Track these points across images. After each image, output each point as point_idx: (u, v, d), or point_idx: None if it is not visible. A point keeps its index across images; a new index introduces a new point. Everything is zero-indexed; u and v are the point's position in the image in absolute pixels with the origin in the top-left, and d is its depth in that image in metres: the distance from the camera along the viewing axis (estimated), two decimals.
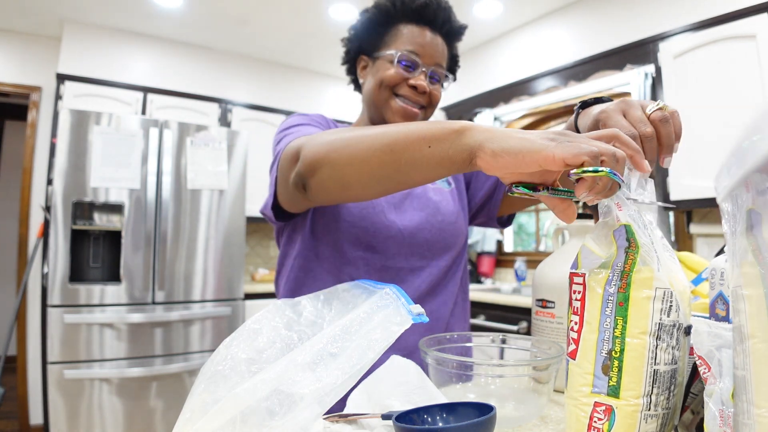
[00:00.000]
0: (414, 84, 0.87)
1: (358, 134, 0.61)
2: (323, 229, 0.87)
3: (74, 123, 2.38)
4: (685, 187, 2.07)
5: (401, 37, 0.88)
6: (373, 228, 0.86)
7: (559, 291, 0.72)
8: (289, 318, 0.50)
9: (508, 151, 0.46)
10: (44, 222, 2.80)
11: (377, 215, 0.87)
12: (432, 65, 0.89)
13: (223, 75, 3.44)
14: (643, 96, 2.35)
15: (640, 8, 2.42)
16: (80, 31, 3.00)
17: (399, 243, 0.87)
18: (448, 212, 0.94)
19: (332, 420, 0.52)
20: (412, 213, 0.90)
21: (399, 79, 0.87)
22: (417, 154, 0.54)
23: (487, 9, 2.88)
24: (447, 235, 0.92)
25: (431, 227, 0.91)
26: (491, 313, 2.48)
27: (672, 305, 0.42)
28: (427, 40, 0.89)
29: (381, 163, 0.57)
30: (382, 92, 0.89)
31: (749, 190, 0.31)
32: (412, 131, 0.55)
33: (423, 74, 0.88)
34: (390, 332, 0.44)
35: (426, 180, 0.58)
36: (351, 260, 0.86)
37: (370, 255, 0.86)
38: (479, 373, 0.56)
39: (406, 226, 0.88)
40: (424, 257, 0.90)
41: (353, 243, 0.86)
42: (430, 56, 0.88)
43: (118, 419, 2.36)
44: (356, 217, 0.85)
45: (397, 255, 0.87)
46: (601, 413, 0.42)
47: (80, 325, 2.32)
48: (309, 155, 0.65)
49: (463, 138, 0.51)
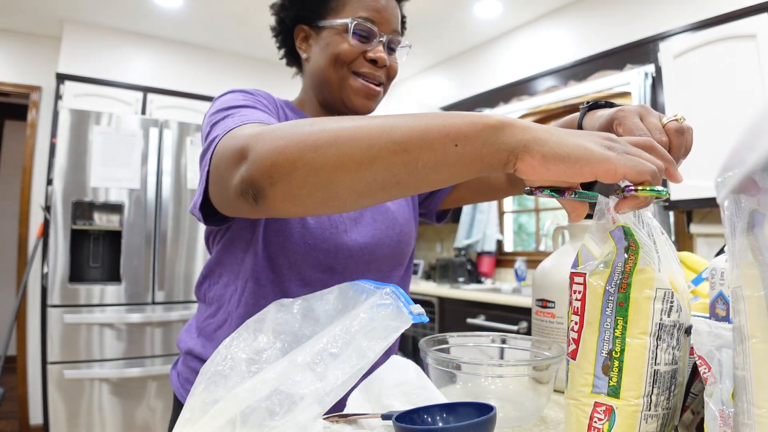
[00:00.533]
0: (373, 57, 0.75)
1: (350, 126, 0.45)
2: (279, 250, 0.73)
3: (74, 123, 2.38)
4: (685, 187, 2.07)
5: (351, 2, 0.76)
6: (335, 250, 0.75)
7: (559, 291, 0.72)
8: (289, 318, 0.50)
9: (563, 158, 0.40)
10: (44, 222, 2.80)
11: (340, 235, 0.76)
12: (389, 33, 0.77)
13: (223, 75, 3.44)
14: (643, 96, 2.35)
15: (640, 8, 2.42)
16: (80, 31, 3.00)
17: (358, 261, 0.78)
18: (404, 221, 0.85)
19: (332, 420, 0.52)
20: (372, 228, 0.80)
21: (356, 54, 0.76)
22: (440, 154, 0.43)
23: (487, 9, 2.88)
24: (403, 246, 0.84)
25: (390, 241, 0.81)
26: (491, 313, 2.48)
27: (673, 305, 0.42)
28: (382, 4, 0.76)
29: (389, 165, 0.44)
30: (336, 70, 0.76)
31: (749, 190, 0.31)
32: (431, 126, 0.43)
33: (381, 44, 0.76)
34: (390, 332, 0.44)
35: (445, 184, 0.47)
36: (309, 282, 0.75)
37: (329, 276, 0.76)
38: (479, 373, 0.56)
39: (367, 243, 0.79)
40: (380, 271, 0.81)
41: (313, 266, 0.74)
42: (386, 22, 0.77)
43: (118, 419, 2.36)
44: (318, 239, 0.74)
45: (355, 273, 0.78)
46: (601, 413, 0.42)
47: (80, 325, 2.32)
48: (266, 155, 0.46)
49: (502, 136, 0.42)
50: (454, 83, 3.55)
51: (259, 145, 0.47)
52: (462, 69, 3.50)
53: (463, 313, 2.65)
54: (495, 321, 2.45)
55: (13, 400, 2.97)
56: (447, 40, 3.31)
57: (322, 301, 0.53)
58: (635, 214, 0.44)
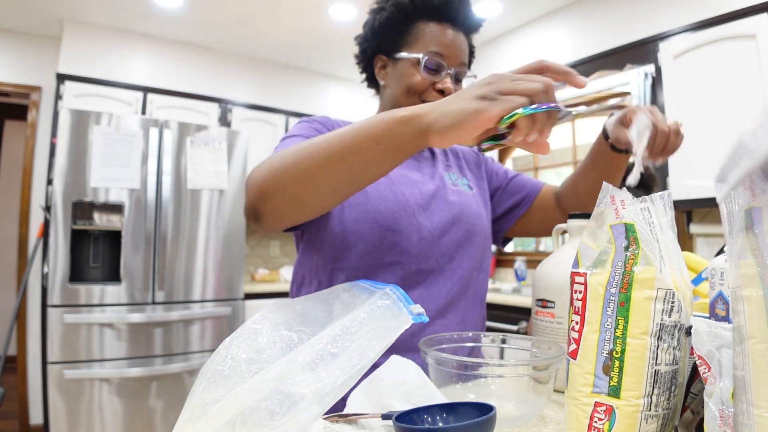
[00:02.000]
0: (441, 88, 0.84)
1: (304, 148, 0.60)
2: (351, 236, 0.82)
3: (74, 123, 2.38)
4: (685, 187, 2.07)
5: (423, 37, 0.85)
6: (407, 231, 0.83)
7: (559, 291, 0.72)
8: (289, 318, 0.50)
9: (451, 126, 0.50)
10: (44, 222, 2.80)
11: (409, 217, 0.83)
12: (456, 65, 0.86)
13: (223, 75, 3.44)
14: (643, 96, 2.35)
15: (640, 8, 2.42)
16: (80, 31, 3.00)
17: (431, 244, 0.84)
18: (474, 215, 0.91)
19: (332, 420, 0.52)
20: (439, 214, 0.87)
21: (426, 85, 0.85)
22: (368, 155, 0.56)
23: (487, 9, 2.88)
24: (474, 237, 0.90)
25: (458, 230, 0.88)
26: (491, 313, 2.48)
27: (674, 306, 0.42)
28: (451, 40, 0.85)
29: (335, 173, 0.58)
30: (408, 99, 0.86)
31: (749, 190, 0.31)
32: (358, 133, 0.56)
33: (449, 76, 0.85)
34: (390, 332, 0.44)
35: (382, 174, 0.60)
36: (386, 265, 0.82)
37: (406, 258, 0.82)
38: (479, 373, 0.56)
39: (435, 228, 0.85)
40: (453, 260, 0.86)
41: (389, 249, 0.82)
42: (455, 56, 0.85)
43: (118, 419, 2.36)
44: (389, 221, 0.82)
45: (429, 259, 0.84)
46: (601, 413, 0.42)
47: (80, 325, 2.32)
48: (256, 184, 0.63)
49: (409, 127, 0.53)
50: None
51: (252, 179, 0.64)
52: None
53: None
54: (495, 321, 2.45)
55: (13, 400, 2.97)
56: None
57: (323, 301, 0.53)
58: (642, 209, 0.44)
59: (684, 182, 2.07)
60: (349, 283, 0.58)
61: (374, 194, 0.83)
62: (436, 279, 0.84)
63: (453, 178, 0.95)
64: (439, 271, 0.85)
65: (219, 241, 2.68)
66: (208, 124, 2.87)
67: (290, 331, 0.48)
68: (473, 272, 0.90)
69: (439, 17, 0.85)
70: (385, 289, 0.51)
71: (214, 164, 2.67)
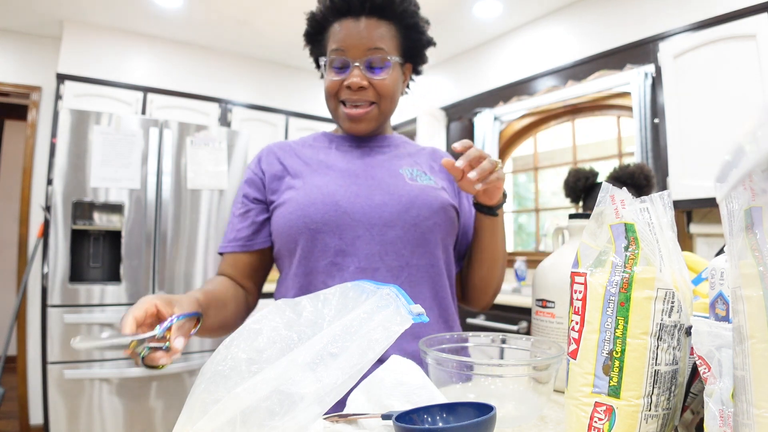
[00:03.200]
0: (347, 84, 0.82)
1: None
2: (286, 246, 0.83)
3: (74, 123, 2.38)
4: (685, 187, 2.07)
5: (328, 40, 0.85)
6: (339, 230, 0.80)
7: (559, 291, 0.72)
8: (289, 318, 0.50)
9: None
10: (44, 222, 2.80)
11: (340, 216, 0.80)
12: (362, 56, 0.82)
13: (223, 75, 3.44)
14: (643, 96, 2.35)
15: (640, 8, 2.42)
16: (80, 31, 3.00)
17: (368, 242, 0.80)
18: (425, 205, 0.83)
19: (332, 420, 0.52)
20: (383, 209, 0.82)
21: (337, 86, 0.83)
22: None
23: (487, 9, 2.88)
24: (423, 230, 0.82)
25: (403, 223, 0.81)
26: (491, 313, 2.48)
27: (674, 306, 0.42)
28: (349, 32, 0.82)
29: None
30: (330, 103, 0.87)
31: (749, 190, 0.31)
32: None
33: (356, 69, 0.82)
34: (390, 332, 0.44)
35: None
36: (322, 268, 0.80)
37: (341, 259, 0.79)
38: (479, 373, 0.56)
39: (374, 223, 0.80)
40: (401, 255, 0.81)
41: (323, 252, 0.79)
42: (355, 47, 0.82)
43: (118, 419, 2.36)
44: (318, 223, 0.79)
45: (371, 256, 0.79)
46: (601, 413, 0.42)
47: (80, 325, 2.32)
48: None
49: None
50: (454, 83, 3.55)
51: None
52: (462, 69, 3.50)
53: (463, 313, 2.65)
54: (495, 321, 2.45)
55: (13, 400, 2.97)
56: (447, 40, 3.31)
57: (323, 301, 0.53)
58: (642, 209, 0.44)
59: (684, 182, 2.07)
60: (351, 283, 0.58)
61: (302, 199, 0.81)
62: (382, 280, 0.79)
63: (413, 173, 0.88)
64: (387, 270, 0.80)
65: (219, 241, 2.68)
66: (208, 124, 2.87)
67: (290, 331, 0.48)
68: (429, 270, 0.83)
69: (340, 14, 0.83)
70: (386, 289, 0.51)
71: (214, 164, 2.67)
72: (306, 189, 0.82)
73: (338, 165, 0.87)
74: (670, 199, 0.46)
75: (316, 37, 0.89)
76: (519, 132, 3.39)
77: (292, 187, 0.84)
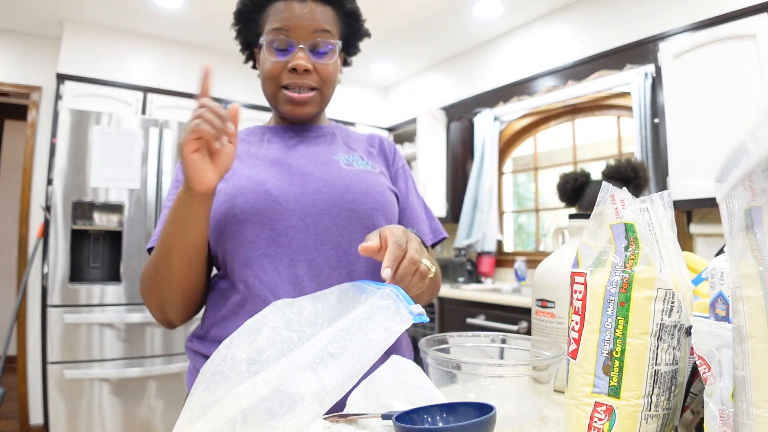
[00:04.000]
0: (292, 66, 0.77)
1: (150, 259, 0.73)
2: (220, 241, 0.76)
3: (74, 123, 2.38)
4: (685, 187, 2.07)
5: (268, 18, 0.79)
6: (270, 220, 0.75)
7: (559, 291, 0.72)
8: (289, 318, 0.50)
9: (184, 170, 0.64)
10: (44, 222, 2.79)
11: (270, 205, 0.76)
12: (308, 39, 0.78)
13: (223, 75, 3.44)
14: (643, 96, 2.35)
15: (640, 8, 2.42)
16: (80, 30, 3.00)
17: (301, 231, 0.75)
18: (361, 190, 0.79)
19: (332, 420, 0.52)
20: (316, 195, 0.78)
21: (279, 68, 0.78)
22: (180, 238, 0.68)
23: (487, 9, 2.88)
24: (359, 215, 0.77)
25: (337, 209, 0.77)
26: (491, 313, 2.48)
27: (674, 306, 0.42)
28: (295, 12, 0.77)
29: (177, 266, 0.69)
30: (269, 87, 0.81)
31: (749, 190, 0.31)
32: (166, 226, 0.69)
33: (301, 51, 0.77)
34: (390, 333, 0.43)
35: (203, 234, 0.70)
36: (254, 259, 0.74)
37: (274, 250, 0.74)
38: (479, 373, 0.56)
39: (307, 211, 0.76)
40: (338, 245, 0.76)
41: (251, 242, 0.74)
42: (302, 28, 0.77)
43: (118, 419, 2.36)
44: (248, 213, 0.74)
45: (305, 247, 0.74)
46: (601, 413, 0.42)
47: (80, 325, 2.32)
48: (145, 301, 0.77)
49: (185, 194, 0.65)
50: (454, 83, 3.55)
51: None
52: (462, 69, 3.50)
53: (463, 313, 2.65)
54: (495, 321, 2.45)
55: (13, 400, 2.97)
56: (447, 40, 3.31)
57: (323, 301, 0.53)
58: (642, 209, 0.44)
59: (684, 182, 2.07)
60: (350, 283, 0.58)
61: (230, 189, 0.76)
62: (318, 271, 0.74)
63: (349, 159, 0.84)
64: (323, 261, 0.74)
65: None
66: None
67: (290, 331, 0.48)
68: (370, 258, 0.74)
69: None
70: (386, 289, 0.51)
71: None
72: (234, 180, 0.77)
73: (270, 155, 0.82)
74: (670, 199, 0.46)
75: (251, 16, 0.83)
76: (519, 132, 3.39)
77: (222, 180, 0.79)
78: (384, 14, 2.94)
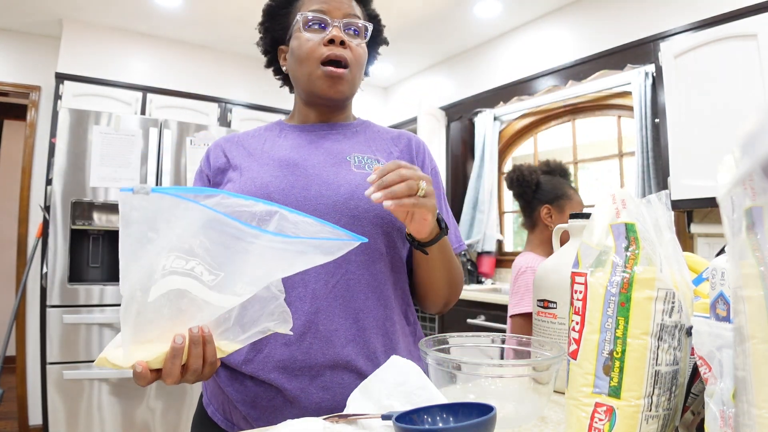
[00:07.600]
0: (329, 38, 0.78)
1: None
2: None
3: (73, 122, 2.38)
4: (685, 187, 2.07)
5: (301, 7, 0.82)
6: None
7: (560, 291, 0.72)
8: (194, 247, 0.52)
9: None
10: (43, 222, 2.79)
11: None
12: (342, 17, 0.80)
13: (223, 75, 3.44)
14: (644, 96, 2.35)
15: (640, 8, 2.42)
16: (79, 30, 3.00)
17: None
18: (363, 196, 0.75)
19: (332, 420, 0.52)
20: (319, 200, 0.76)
21: (315, 44, 0.79)
22: None
23: (487, 9, 2.88)
24: (367, 222, 0.75)
25: (340, 214, 0.75)
26: (491, 313, 2.48)
27: (674, 306, 0.42)
28: None
29: None
30: (304, 67, 0.80)
31: (749, 190, 0.31)
32: None
33: (336, 29, 0.79)
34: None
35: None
36: None
37: None
38: (479, 373, 0.56)
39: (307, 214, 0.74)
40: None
41: None
42: (336, 9, 0.80)
43: (117, 419, 2.36)
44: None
45: None
46: (602, 414, 0.42)
47: (79, 326, 2.32)
48: None
49: None
50: (454, 83, 3.55)
51: None
52: (462, 69, 3.50)
53: (463, 313, 2.65)
54: (495, 321, 2.45)
55: (12, 401, 2.97)
56: (447, 40, 3.31)
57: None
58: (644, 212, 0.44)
59: (684, 182, 2.07)
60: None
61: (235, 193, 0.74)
62: (315, 279, 0.72)
63: (362, 160, 0.82)
64: (321, 268, 0.70)
65: None
66: (208, 124, 2.87)
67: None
68: (371, 267, 0.75)
69: None
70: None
71: None
72: (241, 182, 0.77)
73: (279, 154, 0.81)
74: (668, 199, 0.46)
75: (280, 11, 0.85)
76: (519, 132, 3.39)
77: (230, 180, 0.80)
78: (384, 14, 2.92)
